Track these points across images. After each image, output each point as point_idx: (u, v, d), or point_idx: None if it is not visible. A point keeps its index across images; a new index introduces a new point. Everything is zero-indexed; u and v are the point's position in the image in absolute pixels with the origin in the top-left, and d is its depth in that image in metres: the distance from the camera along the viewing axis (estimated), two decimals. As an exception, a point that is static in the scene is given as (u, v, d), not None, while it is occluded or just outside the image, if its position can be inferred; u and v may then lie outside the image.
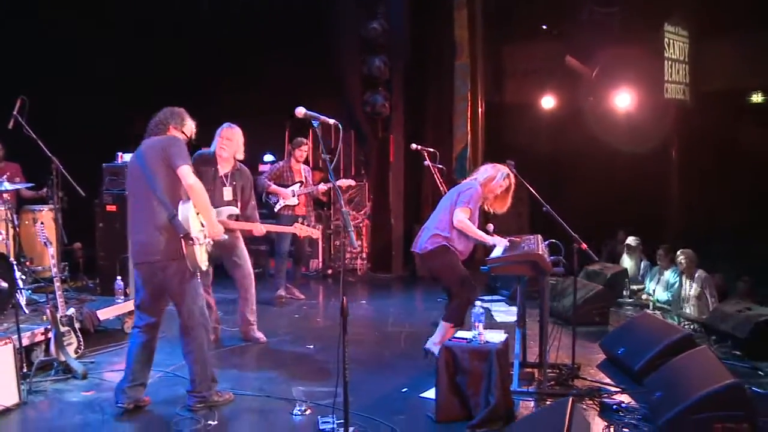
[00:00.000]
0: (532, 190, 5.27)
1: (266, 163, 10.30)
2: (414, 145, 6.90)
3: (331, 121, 3.91)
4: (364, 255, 10.06)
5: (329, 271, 9.95)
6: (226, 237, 5.75)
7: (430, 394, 4.71)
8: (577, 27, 10.75)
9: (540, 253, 4.65)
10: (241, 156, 6.04)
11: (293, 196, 7.75)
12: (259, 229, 6.00)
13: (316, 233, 6.44)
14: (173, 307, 4.49)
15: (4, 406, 4.32)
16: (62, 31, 8.69)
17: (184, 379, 5.02)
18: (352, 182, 8.27)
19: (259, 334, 6.17)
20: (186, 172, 4.19)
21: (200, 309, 4.44)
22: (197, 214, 4.31)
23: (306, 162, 8.22)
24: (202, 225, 4.36)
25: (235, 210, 5.88)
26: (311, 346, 6.01)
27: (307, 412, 4.39)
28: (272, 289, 7.94)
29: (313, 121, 3.91)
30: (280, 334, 6.40)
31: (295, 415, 4.37)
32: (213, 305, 6.10)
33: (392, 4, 9.84)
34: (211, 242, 4.50)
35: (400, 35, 9.95)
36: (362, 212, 10.01)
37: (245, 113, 6.64)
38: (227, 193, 5.94)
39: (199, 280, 4.45)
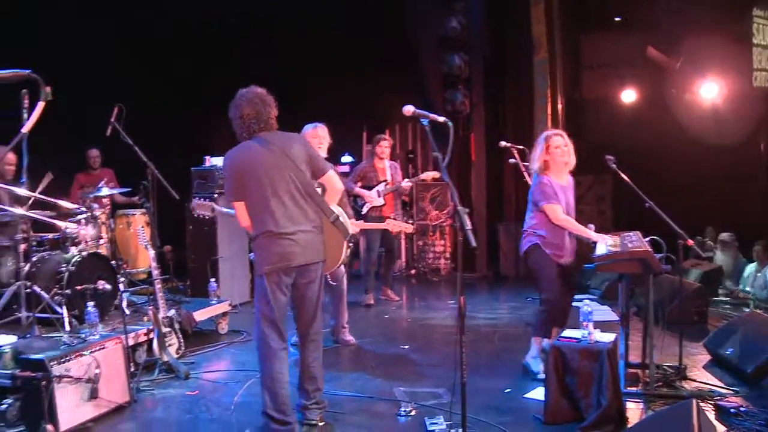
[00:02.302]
0: (633, 186, 5.11)
1: (344, 164, 10.36)
2: (503, 143, 6.83)
3: (441, 119, 3.87)
4: (448, 255, 10.00)
5: (412, 271, 9.94)
6: None
7: (535, 394, 4.64)
8: (658, 16, 10.44)
9: (650, 250, 4.50)
10: (324, 155, 6.05)
11: (379, 196, 7.71)
12: (354, 226, 5.98)
13: (409, 227, 6.40)
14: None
15: (117, 403, 4.44)
16: (152, 36, 8.90)
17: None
18: (436, 174, 8.19)
19: (350, 337, 6.17)
20: (335, 176, 4.18)
21: None
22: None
23: (394, 158, 8.11)
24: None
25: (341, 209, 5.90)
26: (406, 347, 5.99)
27: (412, 413, 4.37)
28: (360, 290, 7.95)
29: (422, 120, 3.88)
30: (372, 335, 6.40)
31: (401, 416, 4.35)
32: None
33: (471, 0, 9.73)
34: None
35: (479, 32, 9.87)
36: (445, 212, 9.96)
37: (322, 114, 6.67)
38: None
39: None
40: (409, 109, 4.06)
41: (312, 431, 4.13)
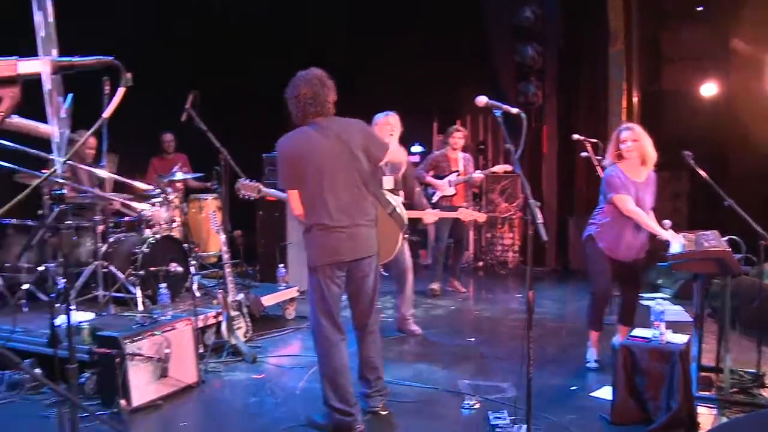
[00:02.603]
0: (713, 183, 4.92)
1: (414, 153, 10.34)
2: (575, 136, 6.69)
3: (514, 110, 3.83)
4: (516, 248, 9.89)
5: (480, 264, 9.87)
6: None
7: (601, 393, 4.55)
8: (742, 4, 10.01)
9: (728, 250, 4.34)
10: (395, 144, 6.03)
11: (450, 186, 7.66)
12: (429, 216, 5.99)
13: (482, 216, 6.35)
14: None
15: (186, 383, 4.56)
16: (223, 31, 9.04)
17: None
18: (508, 167, 8.10)
19: (415, 327, 6.17)
20: (396, 151, 4.29)
21: None
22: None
23: (465, 149, 8.05)
24: None
25: (399, 198, 5.90)
26: (472, 339, 5.95)
27: (476, 406, 4.34)
28: (427, 281, 7.93)
29: (495, 111, 3.84)
30: (438, 326, 6.38)
31: (465, 408, 4.33)
32: None
33: (546, -11, 9.56)
34: None
35: (554, 23, 9.67)
36: (515, 204, 9.84)
37: (394, 103, 6.66)
38: (387, 183, 5.89)
39: None
40: (482, 100, 4.03)
41: (375, 418, 4.15)
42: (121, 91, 1.90)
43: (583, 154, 6.77)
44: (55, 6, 2.00)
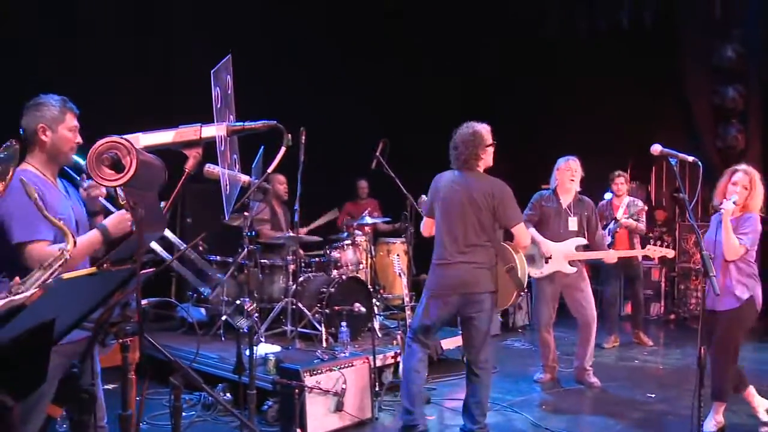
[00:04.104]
0: None
1: (605, 200, 10.05)
2: (777, 183, 6.23)
3: (690, 159, 3.78)
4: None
5: (672, 316, 9.35)
6: (575, 270, 5.80)
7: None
8: None
9: None
10: (577, 187, 6.02)
11: (609, 235, 7.34)
12: (611, 256, 5.98)
13: (670, 252, 6.12)
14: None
15: (360, 419, 4.78)
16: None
17: (518, 414, 5.12)
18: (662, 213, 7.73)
19: (594, 379, 5.99)
20: (522, 232, 4.45)
21: None
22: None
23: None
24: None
25: (583, 240, 5.87)
26: (652, 395, 5.69)
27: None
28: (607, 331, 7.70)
29: (670, 159, 3.82)
30: (618, 379, 6.16)
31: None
32: (551, 344, 6.11)
33: (749, 25, 8.99)
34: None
35: (759, 60, 9.06)
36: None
37: (585, 148, 6.60)
38: (572, 224, 5.93)
39: None
40: (657, 149, 4.02)
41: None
42: (282, 150, 2.19)
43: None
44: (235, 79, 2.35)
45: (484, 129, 4.51)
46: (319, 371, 4.56)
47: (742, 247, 4.49)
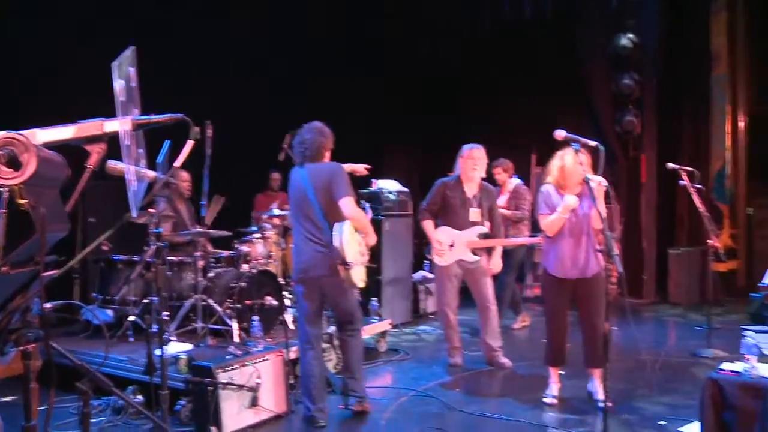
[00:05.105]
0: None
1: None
2: (670, 165, 6.59)
3: (593, 143, 3.89)
4: (614, 279, 9.65)
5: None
6: (477, 258, 5.95)
7: (691, 429, 4.41)
8: None
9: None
10: (482, 175, 6.14)
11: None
12: (512, 243, 6.42)
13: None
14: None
15: (276, 413, 4.74)
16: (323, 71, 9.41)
17: (435, 399, 5.21)
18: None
19: (504, 360, 6.16)
20: (347, 203, 4.51)
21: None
22: (353, 234, 4.61)
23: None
24: (359, 245, 4.67)
25: (485, 229, 6.01)
26: (562, 372, 5.89)
27: (560, 440, 4.32)
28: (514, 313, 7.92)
29: (573, 144, 3.92)
30: (529, 359, 6.35)
31: (548, 442, 4.31)
32: (456, 327, 6.26)
33: (643, 16, 9.40)
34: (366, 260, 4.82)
35: (652, 49, 9.49)
36: (612, 235, 9.65)
37: (490, 138, 6.75)
38: (474, 215, 6.04)
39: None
40: (560, 134, 4.13)
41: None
42: (189, 144, 2.13)
43: (681, 182, 6.65)
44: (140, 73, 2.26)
45: (326, 127, 4.74)
46: (233, 367, 4.47)
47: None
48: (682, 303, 9.12)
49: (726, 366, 4.17)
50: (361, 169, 5.24)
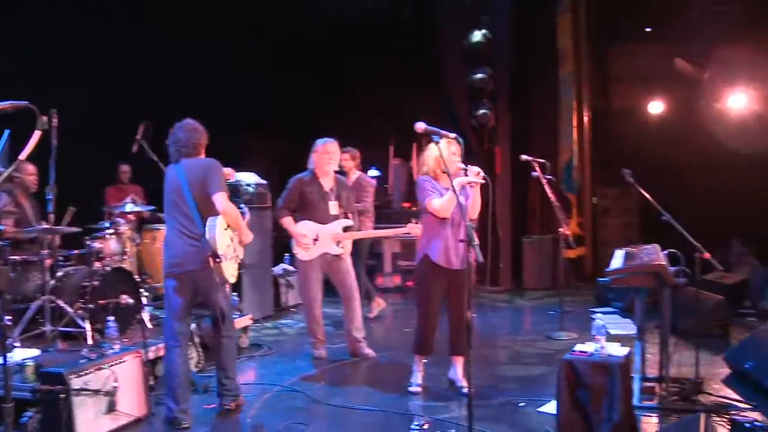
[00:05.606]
0: (650, 199, 5.08)
1: (372, 177, 10.39)
2: (523, 156, 6.85)
3: (452, 135, 3.95)
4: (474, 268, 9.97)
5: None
6: (341, 251, 5.96)
7: (549, 408, 4.62)
8: (687, 27, 10.33)
9: (663, 263, 4.48)
10: (335, 168, 6.16)
11: None
12: (376, 234, 6.56)
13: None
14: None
15: (135, 416, 4.52)
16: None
17: (300, 393, 5.16)
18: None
19: (368, 350, 6.22)
20: (220, 198, 4.47)
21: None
22: (226, 229, 4.57)
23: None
24: (231, 240, 4.62)
25: (349, 221, 6.04)
26: (425, 360, 6.00)
27: (426, 427, 4.37)
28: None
29: (433, 136, 3.96)
30: (392, 349, 6.42)
31: (414, 429, 4.35)
32: (321, 320, 6.26)
33: (496, 14, 9.76)
34: (240, 257, 4.76)
35: (505, 45, 9.86)
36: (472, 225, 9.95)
37: (348, 132, 6.78)
38: (333, 208, 6.06)
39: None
40: (421, 126, 4.16)
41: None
42: (37, 134, 1.96)
43: (533, 173, 6.94)
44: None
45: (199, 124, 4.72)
46: (87, 371, 4.22)
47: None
48: (536, 289, 9.56)
49: (579, 347, 4.40)
50: (229, 171, 5.14)
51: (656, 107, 10.98)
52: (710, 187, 10.01)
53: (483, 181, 4.63)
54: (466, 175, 4.48)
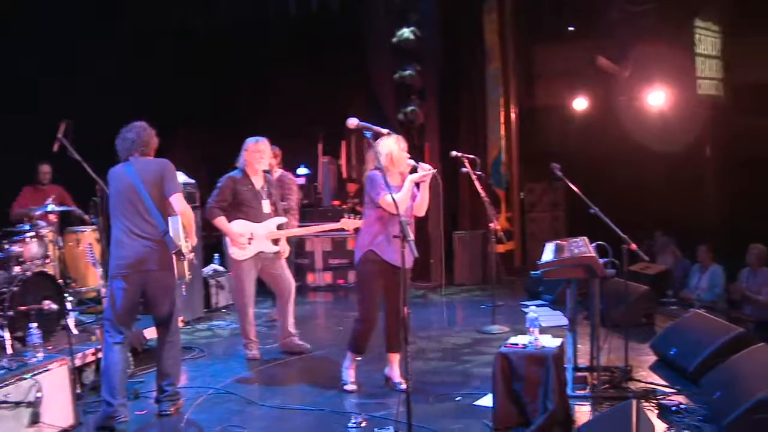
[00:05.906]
0: (579, 192, 5.20)
1: (300, 176, 10.32)
2: (453, 153, 6.90)
3: (385, 131, 3.95)
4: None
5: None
6: (278, 249, 5.90)
7: (485, 401, 4.67)
8: (608, 26, 10.64)
9: (593, 255, 4.58)
10: (264, 167, 6.08)
11: None
12: (310, 232, 6.59)
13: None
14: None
15: (61, 427, 4.34)
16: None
17: (234, 395, 5.07)
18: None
19: (301, 342, 6.22)
20: (178, 199, 4.48)
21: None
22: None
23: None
24: (186, 240, 4.60)
25: (282, 219, 6.01)
26: (359, 358, 5.98)
27: (363, 425, 4.36)
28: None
29: (365, 132, 3.95)
30: (326, 346, 6.38)
31: (351, 428, 4.34)
32: (253, 320, 6.18)
33: (424, 11, 9.81)
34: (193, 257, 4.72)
35: (433, 43, 9.93)
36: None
37: (275, 126, 6.70)
38: (266, 206, 5.99)
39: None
40: (353, 122, 4.14)
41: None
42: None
43: (463, 169, 6.98)
44: None
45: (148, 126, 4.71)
46: (6, 383, 4.02)
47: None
48: (467, 283, 9.67)
49: (512, 340, 4.46)
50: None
51: (580, 104, 11.26)
52: (631, 180, 10.35)
53: (433, 172, 4.64)
54: (416, 171, 4.49)
